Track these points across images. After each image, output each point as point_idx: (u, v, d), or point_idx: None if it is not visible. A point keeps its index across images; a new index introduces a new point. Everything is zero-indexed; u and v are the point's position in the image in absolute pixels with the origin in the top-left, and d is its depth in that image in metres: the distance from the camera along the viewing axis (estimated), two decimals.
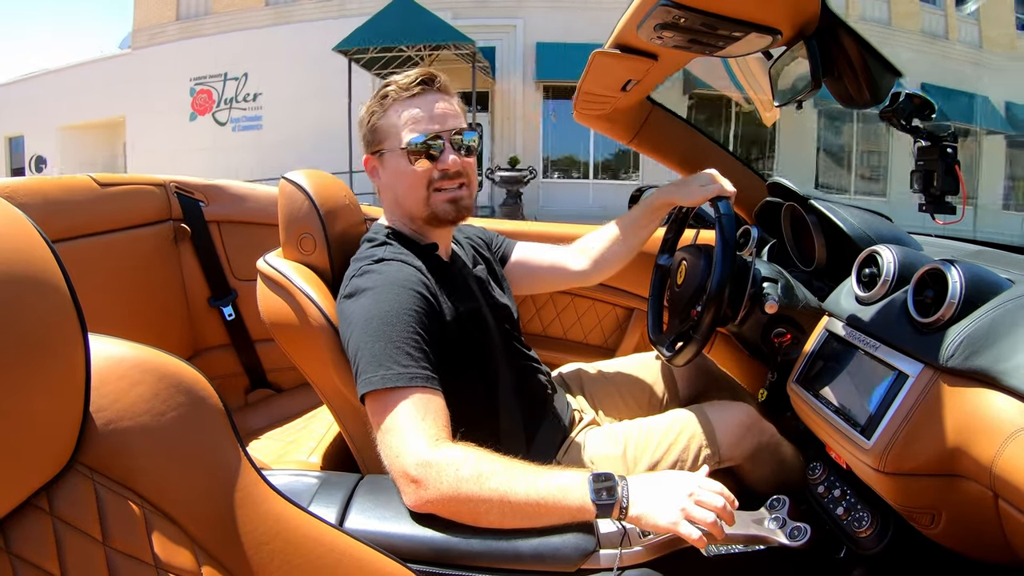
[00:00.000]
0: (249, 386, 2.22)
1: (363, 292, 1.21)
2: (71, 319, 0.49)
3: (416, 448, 1.03)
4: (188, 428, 0.59)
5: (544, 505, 1.00)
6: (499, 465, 1.03)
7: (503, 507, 1.00)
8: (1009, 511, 0.84)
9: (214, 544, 0.59)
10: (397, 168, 1.34)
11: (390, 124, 1.33)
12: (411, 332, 1.16)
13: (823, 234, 1.55)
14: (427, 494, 1.00)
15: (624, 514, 1.01)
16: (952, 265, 1.02)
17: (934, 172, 1.15)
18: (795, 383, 1.32)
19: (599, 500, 1.01)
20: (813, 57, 1.21)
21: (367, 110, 1.37)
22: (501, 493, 1.00)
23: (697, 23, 1.16)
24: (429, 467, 1.01)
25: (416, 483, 1.01)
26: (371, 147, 1.37)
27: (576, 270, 1.68)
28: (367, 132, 1.37)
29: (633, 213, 1.64)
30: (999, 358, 0.90)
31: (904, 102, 1.16)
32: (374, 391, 1.10)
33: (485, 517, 1.01)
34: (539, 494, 1.01)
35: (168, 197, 2.03)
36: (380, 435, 1.09)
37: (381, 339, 1.13)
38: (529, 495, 1.00)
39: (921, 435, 0.97)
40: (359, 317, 1.17)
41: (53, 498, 0.49)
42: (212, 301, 2.14)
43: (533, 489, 1.01)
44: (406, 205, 1.37)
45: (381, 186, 1.41)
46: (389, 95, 1.33)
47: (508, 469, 1.03)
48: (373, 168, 1.39)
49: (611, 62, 1.48)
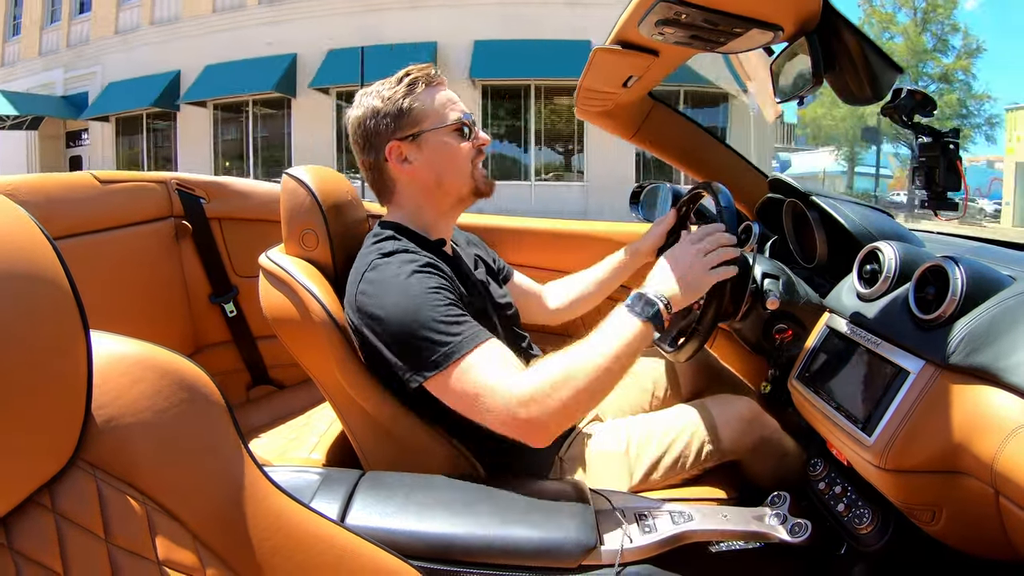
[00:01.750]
0: (251, 382, 2.23)
1: (382, 284, 1.20)
2: (73, 316, 0.49)
3: (509, 398, 1.09)
4: (190, 424, 0.60)
5: (620, 357, 1.12)
6: (569, 359, 1.12)
7: (596, 385, 1.11)
8: (1010, 508, 0.84)
9: (216, 540, 0.59)
10: (443, 146, 1.35)
11: (427, 106, 1.33)
12: (446, 303, 1.17)
13: (824, 230, 1.55)
14: (545, 428, 1.10)
15: (671, 309, 1.18)
16: (954, 262, 1.01)
17: (936, 168, 1.15)
18: (796, 379, 1.32)
19: (647, 316, 1.16)
20: (815, 53, 1.21)
21: (389, 95, 1.32)
22: (589, 378, 1.10)
23: (698, 19, 1.16)
24: (531, 405, 1.08)
25: (530, 423, 1.09)
26: (400, 131, 1.33)
27: (551, 307, 1.76)
28: (394, 115, 1.32)
29: (613, 261, 1.72)
30: (1000, 355, 0.90)
31: (905, 98, 1.16)
32: (438, 374, 1.13)
33: (590, 403, 1.13)
34: (611, 353, 1.12)
35: (169, 194, 2.03)
36: (467, 405, 1.13)
37: (421, 324, 1.14)
38: (607, 361, 1.11)
39: (922, 432, 0.97)
40: (389, 309, 1.17)
41: (55, 495, 0.50)
42: (213, 298, 2.14)
43: (603, 355, 1.12)
44: (450, 183, 1.37)
45: (410, 171, 1.35)
46: (419, 80, 1.33)
47: (578, 357, 1.12)
48: (400, 153, 1.34)
49: (612, 58, 1.48)
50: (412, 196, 1.38)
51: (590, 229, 2.21)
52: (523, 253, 2.13)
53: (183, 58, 18.67)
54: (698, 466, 1.42)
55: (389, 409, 1.29)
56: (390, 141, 1.33)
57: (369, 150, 1.36)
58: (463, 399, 1.13)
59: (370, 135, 1.34)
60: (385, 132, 1.33)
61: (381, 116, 1.32)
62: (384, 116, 1.32)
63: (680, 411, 1.50)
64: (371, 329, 1.20)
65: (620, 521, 1.03)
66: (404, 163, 1.34)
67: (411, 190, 1.37)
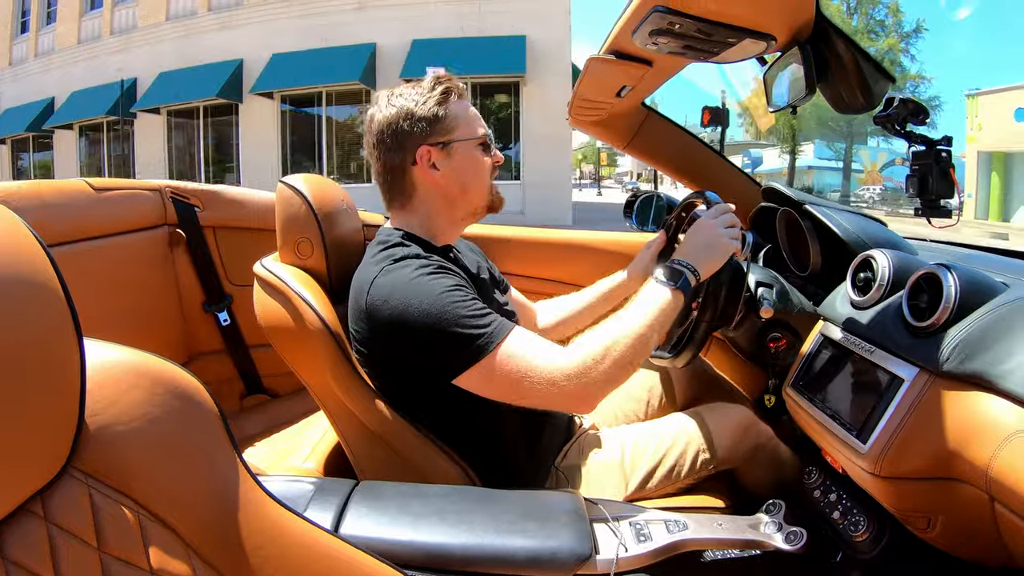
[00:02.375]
0: (244, 391, 2.22)
1: (400, 289, 1.18)
2: (66, 323, 0.49)
3: (556, 375, 1.14)
4: (183, 433, 0.59)
5: (655, 325, 1.19)
6: (607, 332, 1.18)
7: (634, 353, 1.16)
8: (1005, 514, 0.85)
9: (209, 549, 0.58)
10: (471, 157, 1.35)
11: (459, 116, 1.33)
12: (470, 298, 1.19)
13: (818, 239, 1.55)
14: (593, 397, 1.16)
15: (698, 276, 1.26)
16: (947, 269, 1.02)
17: (929, 176, 1.16)
18: (790, 387, 1.32)
19: (677, 284, 1.23)
20: (807, 63, 1.22)
21: (424, 99, 1.31)
22: (627, 347, 1.16)
23: (692, 29, 1.17)
24: (577, 379, 1.13)
25: (578, 395, 1.14)
26: (434, 136, 1.31)
27: (540, 325, 1.75)
28: (429, 120, 1.31)
29: (604, 286, 1.73)
30: (994, 362, 0.91)
31: (898, 107, 1.17)
32: (476, 365, 1.14)
33: (630, 369, 1.18)
34: (647, 322, 1.19)
35: (163, 202, 2.03)
36: (510, 388, 1.16)
37: (452, 320, 1.14)
38: (643, 329, 1.18)
39: (917, 439, 0.98)
40: (413, 311, 1.16)
41: (48, 503, 0.49)
42: (207, 306, 2.13)
43: (640, 324, 1.18)
44: (473, 194, 1.38)
45: (436, 178, 1.34)
46: (452, 89, 1.33)
47: (616, 329, 1.18)
48: (429, 159, 1.32)
49: (606, 68, 1.49)
50: (430, 202, 1.36)
51: (584, 239, 2.21)
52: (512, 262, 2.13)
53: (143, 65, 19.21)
54: (693, 475, 1.42)
55: (383, 417, 1.29)
56: (422, 145, 1.31)
57: (396, 151, 1.33)
58: (506, 384, 1.15)
59: (401, 136, 1.32)
60: (419, 135, 1.31)
61: (416, 119, 1.31)
62: (419, 119, 1.31)
63: (675, 420, 1.50)
64: (390, 335, 1.19)
65: (615, 530, 1.03)
66: (432, 169, 1.33)
67: (431, 196, 1.36)
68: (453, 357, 1.15)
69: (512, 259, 2.12)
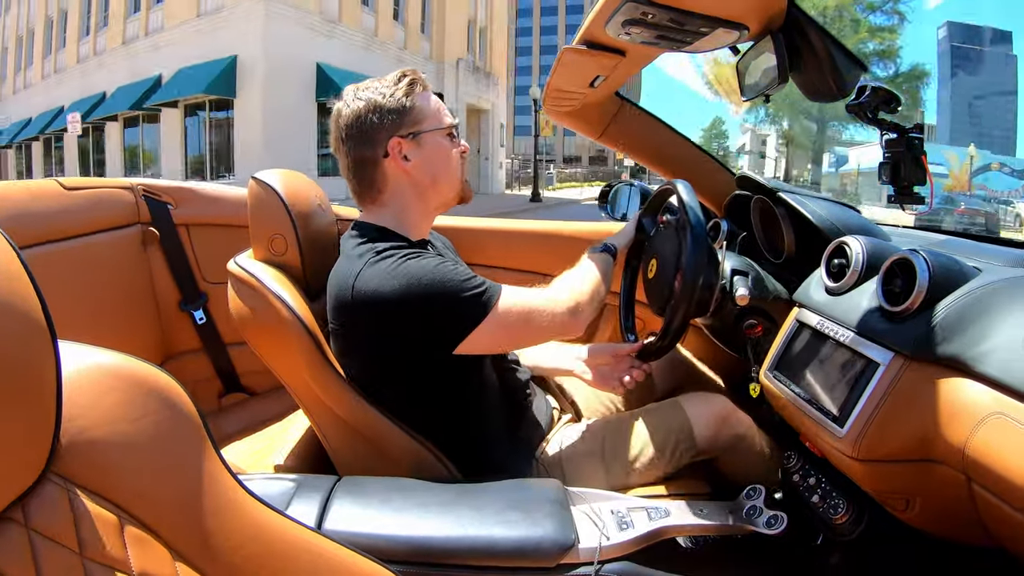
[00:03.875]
0: (222, 390, 2.19)
1: (390, 275, 1.19)
2: (40, 327, 0.48)
3: (557, 309, 1.30)
4: (162, 434, 0.59)
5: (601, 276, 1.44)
6: (567, 275, 1.43)
7: (595, 285, 1.40)
8: (982, 494, 0.86)
9: (192, 551, 0.58)
10: (440, 148, 1.37)
11: (426, 107, 1.35)
12: (460, 266, 1.30)
13: (792, 226, 1.57)
14: (584, 320, 1.34)
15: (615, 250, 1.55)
16: (920, 255, 1.03)
17: (901, 164, 1.17)
18: (767, 373, 1.33)
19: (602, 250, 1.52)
20: (780, 52, 1.23)
21: (391, 92, 1.32)
22: (586, 281, 1.40)
23: (664, 19, 1.17)
24: (574, 314, 1.31)
25: (576, 321, 1.32)
26: (403, 128, 1.32)
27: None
28: (396, 111, 1.31)
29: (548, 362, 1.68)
30: (968, 345, 0.92)
31: (870, 95, 1.18)
32: (483, 323, 1.21)
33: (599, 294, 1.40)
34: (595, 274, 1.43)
35: (136, 200, 2.00)
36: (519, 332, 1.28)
37: (451, 288, 1.20)
38: (588, 273, 1.43)
39: (893, 422, 0.99)
40: (408, 290, 1.17)
41: (27, 510, 0.48)
42: (183, 305, 2.10)
43: (585, 269, 1.45)
44: (443, 184, 1.39)
45: (408, 169, 1.34)
46: (417, 81, 1.35)
47: (570, 273, 1.44)
48: (401, 150, 1.32)
49: (579, 58, 1.49)
50: (402, 194, 1.36)
51: (554, 228, 2.21)
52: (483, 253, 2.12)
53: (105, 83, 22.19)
54: (673, 464, 1.43)
55: (361, 412, 1.28)
56: (392, 137, 1.31)
57: (366, 145, 1.32)
58: (516, 328, 1.26)
59: (370, 129, 1.31)
60: (388, 127, 1.31)
61: (385, 111, 1.31)
62: (388, 112, 1.31)
63: (654, 410, 1.51)
64: (384, 321, 1.21)
65: (597, 519, 1.04)
66: (403, 161, 1.33)
67: (403, 188, 1.35)
68: (463, 318, 1.20)
69: (483, 250, 2.12)
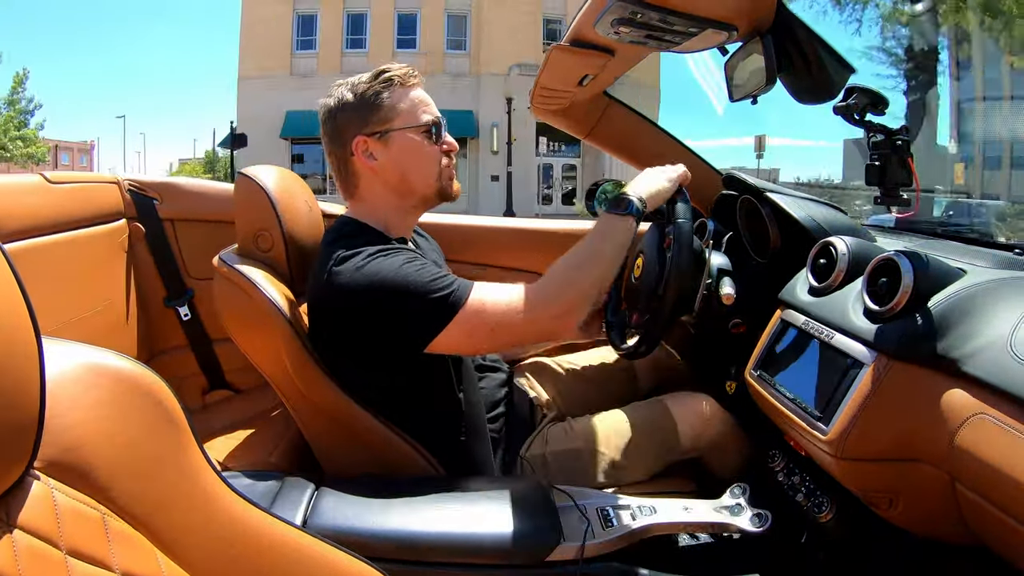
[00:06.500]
0: (207, 387, 2.17)
1: (360, 270, 1.18)
2: (24, 323, 0.47)
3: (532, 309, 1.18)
4: (146, 431, 0.58)
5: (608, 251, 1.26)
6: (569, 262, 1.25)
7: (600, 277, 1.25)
8: (965, 493, 0.87)
9: (176, 548, 0.58)
10: (410, 146, 1.33)
11: (400, 104, 1.32)
12: (428, 264, 1.22)
13: (778, 226, 1.57)
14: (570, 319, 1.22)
15: (645, 204, 1.30)
16: (905, 255, 1.04)
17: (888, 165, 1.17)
18: (752, 372, 1.34)
19: (627, 212, 1.28)
20: (768, 53, 1.23)
21: (362, 89, 1.31)
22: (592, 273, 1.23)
23: (653, 19, 1.17)
24: (555, 303, 1.20)
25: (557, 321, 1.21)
26: (369, 126, 1.31)
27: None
28: (364, 109, 1.31)
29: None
30: (952, 346, 0.93)
31: (858, 97, 1.18)
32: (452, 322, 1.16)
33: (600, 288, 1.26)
34: (599, 250, 1.26)
35: (121, 195, 1.98)
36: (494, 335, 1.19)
37: (418, 286, 1.17)
38: (595, 257, 1.25)
39: (877, 422, 1.00)
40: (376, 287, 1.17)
41: (10, 508, 0.48)
42: (168, 301, 2.08)
43: (593, 251, 1.26)
44: (414, 183, 1.36)
45: (374, 168, 1.33)
46: (394, 79, 1.32)
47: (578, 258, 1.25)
48: (366, 149, 1.32)
49: (568, 57, 1.49)
50: (374, 192, 1.35)
51: (543, 227, 2.21)
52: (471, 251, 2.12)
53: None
54: (658, 463, 1.44)
55: (343, 407, 1.28)
56: (357, 136, 1.31)
57: (335, 142, 1.34)
58: (486, 330, 1.18)
59: (338, 126, 1.32)
60: (356, 126, 1.31)
61: (352, 109, 1.31)
62: (354, 110, 1.31)
63: (638, 409, 1.52)
64: (356, 317, 1.19)
65: (583, 517, 1.04)
66: (369, 159, 1.32)
67: (374, 186, 1.35)
68: (428, 320, 1.16)
69: (471, 248, 2.11)
